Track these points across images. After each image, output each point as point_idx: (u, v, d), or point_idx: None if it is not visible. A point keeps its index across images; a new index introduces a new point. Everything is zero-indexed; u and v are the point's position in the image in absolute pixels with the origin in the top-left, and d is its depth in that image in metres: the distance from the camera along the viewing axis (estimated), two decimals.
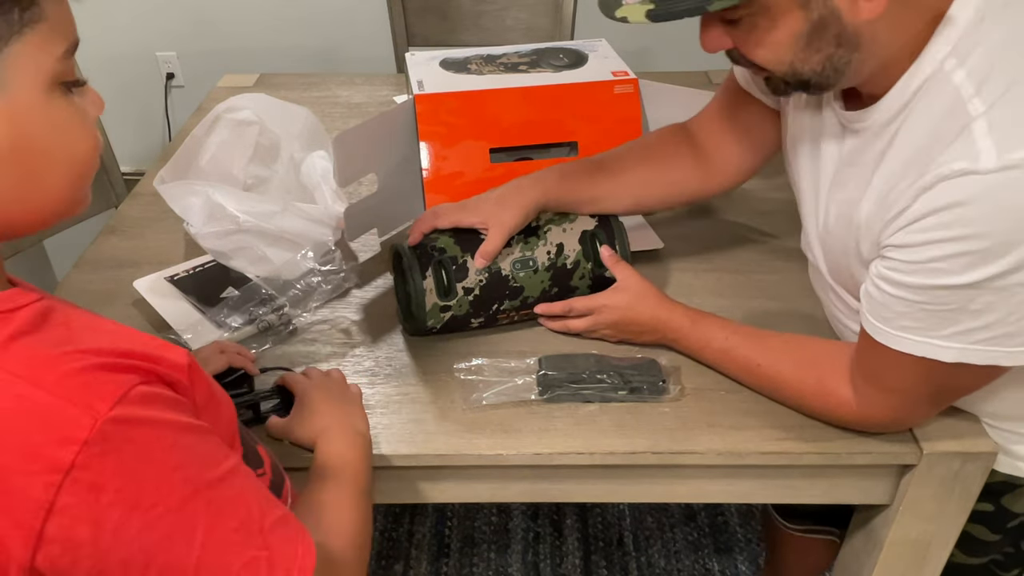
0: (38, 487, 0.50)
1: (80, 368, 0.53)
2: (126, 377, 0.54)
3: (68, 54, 0.58)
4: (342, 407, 0.89)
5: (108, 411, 0.51)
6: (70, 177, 0.60)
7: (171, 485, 0.54)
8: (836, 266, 0.92)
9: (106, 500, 0.51)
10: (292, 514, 0.63)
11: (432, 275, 1.00)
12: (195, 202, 1.15)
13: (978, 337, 0.75)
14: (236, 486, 0.59)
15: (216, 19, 2.62)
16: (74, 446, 0.50)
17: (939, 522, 0.94)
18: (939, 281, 0.73)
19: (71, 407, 0.51)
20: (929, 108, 0.75)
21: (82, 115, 0.60)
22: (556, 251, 1.03)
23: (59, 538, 0.51)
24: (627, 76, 1.27)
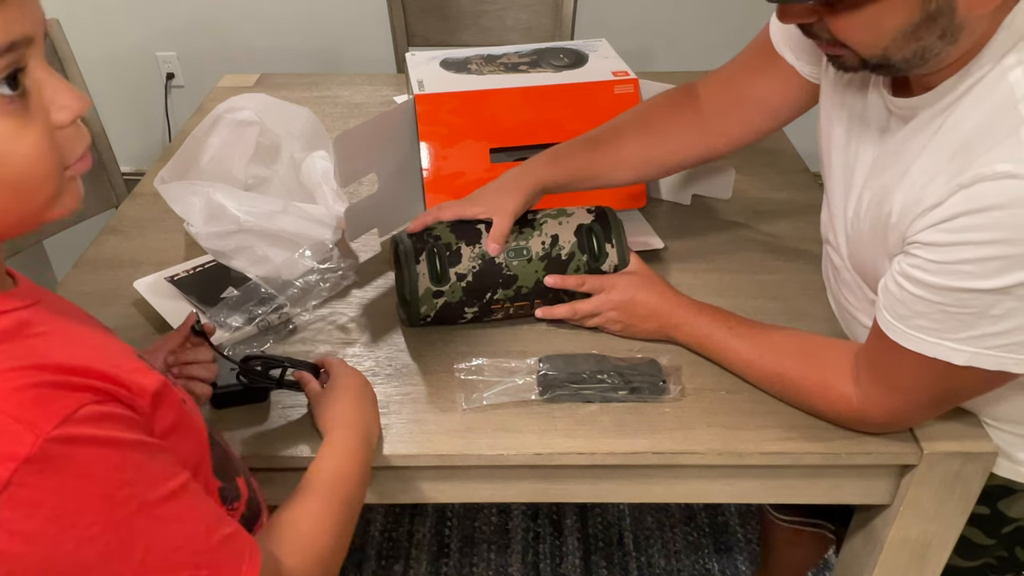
0: None
1: (31, 384, 0.52)
2: (77, 396, 0.53)
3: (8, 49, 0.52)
4: (361, 408, 0.89)
5: (51, 430, 0.51)
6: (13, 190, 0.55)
7: (113, 503, 0.54)
8: (859, 254, 0.90)
9: (42, 516, 0.51)
10: (242, 530, 0.63)
11: (426, 260, 1.01)
12: (195, 202, 1.15)
13: (993, 343, 0.74)
14: (183, 504, 0.59)
15: (216, 19, 2.62)
16: (13, 463, 0.50)
17: (939, 522, 0.94)
18: (965, 284, 0.72)
19: (15, 423, 0.50)
20: (979, 103, 0.74)
21: (21, 124, 0.54)
22: (551, 242, 1.04)
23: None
24: (627, 76, 1.27)
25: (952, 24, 0.70)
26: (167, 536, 0.56)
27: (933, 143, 0.77)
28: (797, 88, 1.03)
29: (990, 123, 0.72)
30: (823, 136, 0.98)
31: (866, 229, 0.87)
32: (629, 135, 1.10)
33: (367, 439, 0.86)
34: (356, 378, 0.92)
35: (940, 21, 0.70)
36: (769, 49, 1.04)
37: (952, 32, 0.71)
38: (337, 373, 0.92)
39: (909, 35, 0.71)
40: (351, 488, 0.81)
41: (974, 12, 0.70)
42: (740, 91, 1.08)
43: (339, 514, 0.77)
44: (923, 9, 0.69)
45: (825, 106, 0.97)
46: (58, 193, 0.58)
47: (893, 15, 0.70)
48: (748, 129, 1.09)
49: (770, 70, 1.04)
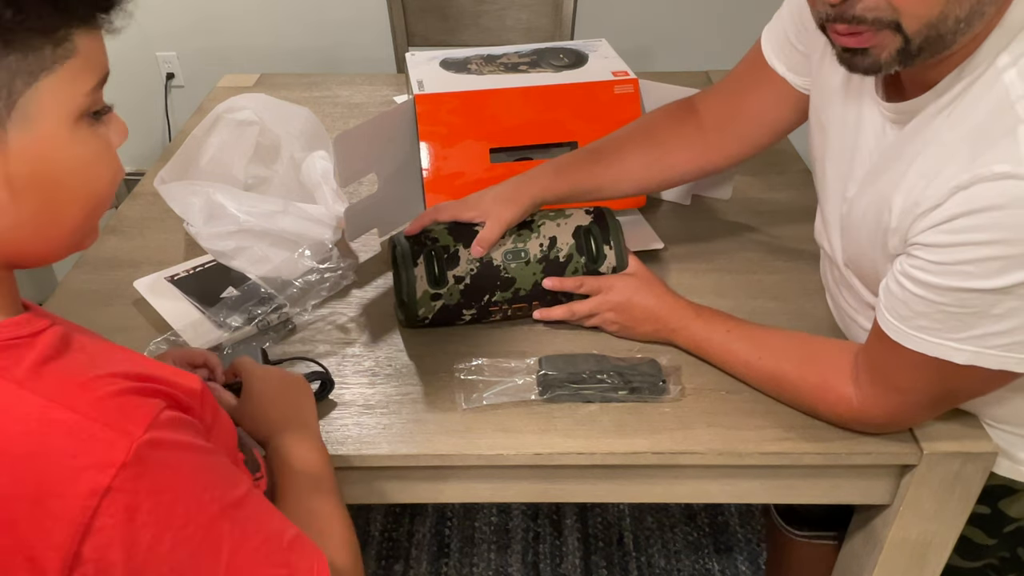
0: (76, 509, 0.51)
1: (113, 392, 0.55)
2: (154, 401, 0.56)
3: (98, 87, 0.58)
4: (295, 399, 0.87)
5: (142, 434, 0.53)
6: (87, 210, 0.60)
7: (199, 505, 0.56)
8: (857, 257, 0.91)
9: (140, 521, 0.53)
10: (302, 533, 0.64)
11: (424, 263, 1.01)
12: (195, 202, 1.15)
13: (995, 342, 0.74)
14: (255, 506, 0.61)
15: (216, 19, 2.62)
16: (112, 469, 0.52)
17: (939, 522, 0.94)
18: (966, 284, 0.72)
19: (107, 430, 0.53)
20: (975, 105, 0.74)
21: (105, 146, 0.60)
22: (549, 244, 1.04)
23: (93, 558, 0.52)
24: (627, 76, 1.27)
25: None
26: (247, 536, 0.59)
27: (930, 146, 0.77)
28: (791, 101, 1.04)
29: (987, 124, 0.72)
30: (815, 145, 0.99)
31: (864, 234, 0.87)
32: (630, 149, 1.11)
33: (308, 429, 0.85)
34: (268, 378, 0.88)
35: None
36: (761, 63, 1.05)
37: None
38: (248, 376, 0.87)
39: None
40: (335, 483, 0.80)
41: None
42: (736, 106, 1.09)
43: (344, 510, 0.77)
44: None
45: (815, 115, 0.98)
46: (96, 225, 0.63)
47: None
48: (746, 144, 1.10)
49: (763, 84, 1.05)
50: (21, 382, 0.54)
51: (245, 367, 0.89)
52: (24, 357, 0.56)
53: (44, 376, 0.55)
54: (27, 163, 0.55)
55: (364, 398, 0.97)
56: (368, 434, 0.92)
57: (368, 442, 0.91)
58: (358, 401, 0.96)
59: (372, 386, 0.98)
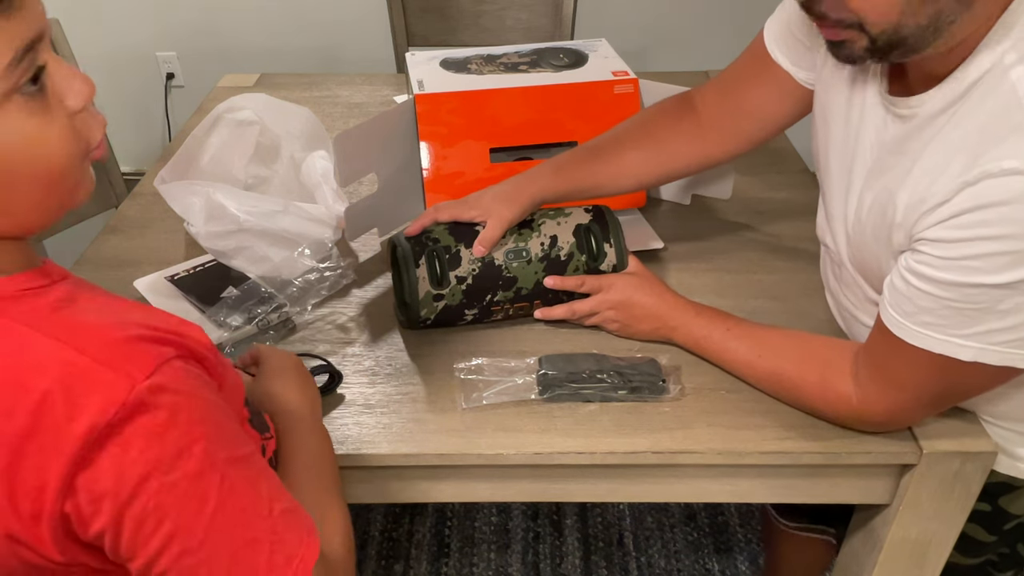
0: (75, 444, 0.54)
1: (122, 338, 0.57)
2: (163, 349, 0.58)
3: (16, 62, 0.54)
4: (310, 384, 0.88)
5: (144, 379, 0.55)
6: (47, 183, 0.58)
7: (191, 454, 0.57)
8: (861, 254, 0.90)
9: (130, 458, 0.55)
10: (302, 508, 0.65)
11: (426, 264, 1.01)
12: (195, 202, 1.15)
13: (1000, 339, 0.74)
14: (252, 469, 0.62)
15: (216, 19, 2.62)
16: (112, 407, 0.54)
17: (939, 522, 0.94)
18: (972, 279, 0.72)
19: (111, 372, 0.55)
20: (982, 102, 0.73)
21: (47, 119, 0.57)
22: (550, 243, 1.04)
23: (85, 489, 0.55)
24: (627, 76, 1.27)
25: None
26: (236, 495, 0.60)
27: (936, 142, 0.77)
28: (793, 94, 1.03)
29: (994, 121, 0.72)
30: (819, 139, 0.98)
31: (869, 230, 0.87)
32: (629, 145, 1.11)
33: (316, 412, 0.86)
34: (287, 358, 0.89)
35: None
36: (764, 56, 1.04)
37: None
38: (267, 355, 0.89)
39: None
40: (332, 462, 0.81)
41: None
42: (736, 100, 1.09)
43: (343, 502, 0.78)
44: None
45: (820, 109, 0.97)
46: (78, 181, 0.61)
47: None
48: (745, 138, 1.10)
49: (765, 77, 1.05)
50: (35, 326, 0.57)
51: (263, 350, 0.91)
52: (38, 304, 0.58)
53: (57, 321, 0.57)
54: None
55: (364, 397, 0.97)
56: (368, 433, 0.92)
57: (368, 441, 0.91)
58: (358, 400, 0.96)
59: (372, 385, 0.98)
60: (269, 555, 0.60)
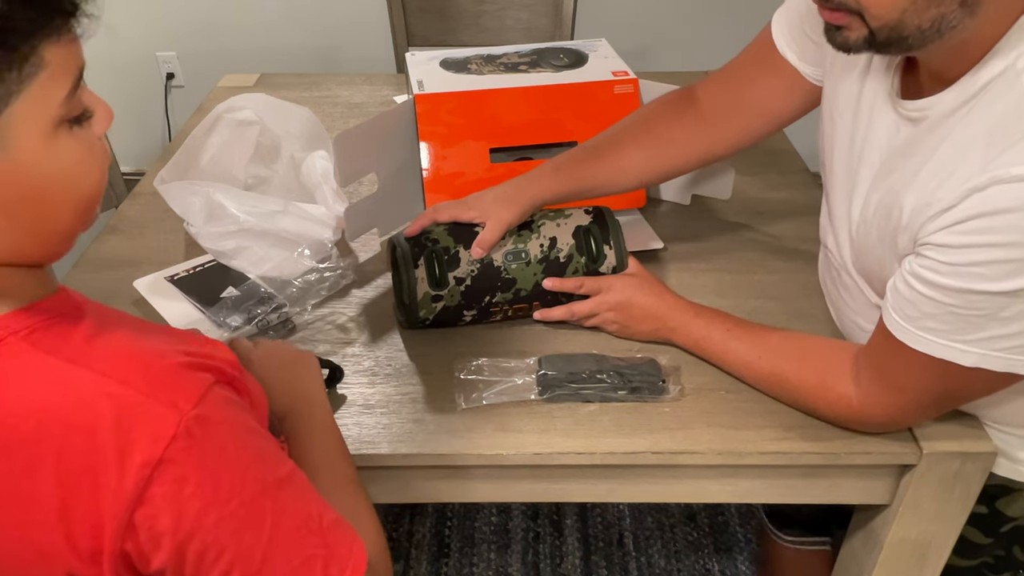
0: (131, 481, 0.54)
1: (164, 367, 0.57)
2: (203, 375, 0.58)
3: (73, 91, 0.56)
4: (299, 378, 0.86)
5: (191, 409, 0.56)
6: (79, 210, 0.60)
7: (244, 481, 0.58)
8: (865, 256, 0.90)
9: (187, 492, 0.55)
10: (343, 518, 0.65)
11: (424, 265, 1.01)
12: (195, 202, 1.15)
13: (1002, 345, 0.74)
14: (297, 487, 0.63)
15: (216, 19, 2.62)
16: (163, 442, 0.54)
17: (939, 522, 0.94)
18: (976, 286, 0.72)
19: (158, 405, 0.55)
20: (992, 106, 0.73)
21: (87, 146, 0.58)
22: (549, 245, 1.04)
23: (145, 526, 0.55)
24: (627, 76, 1.27)
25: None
26: (289, 515, 0.60)
27: (945, 145, 0.77)
28: (799, 90, 1.03)
29: (1004, 126, 0.71)
30: (825, 138, 0.98)
31: (874, 232, 0.87)
32: (629, 143, 1.10)
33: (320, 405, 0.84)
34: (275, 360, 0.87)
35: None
36: (770, 51, 1.03)
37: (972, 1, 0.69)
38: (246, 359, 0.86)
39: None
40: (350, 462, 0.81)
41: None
42: (740, 94, 1.08)
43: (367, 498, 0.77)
44: None
45: (828, 107, 0.97)
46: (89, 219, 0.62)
47: None
48: (747, 132, 1.09)
49: (771, 72, 1.04)
50: (73, 359, 0.56)
51: (241, 350, 0.87)
52: (71, 334, 0.58)
53: (95, 352, 0.57)
54: (10, 186, 0.54)
55: (364, 398, 0.97)
56: (368, 434, 0.92)
57: (368, 442, 0.91)
58: (358, 401, 0.96)
59: (372, 386, 0.98)
60: (324, 569, 0.61)
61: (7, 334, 0.57)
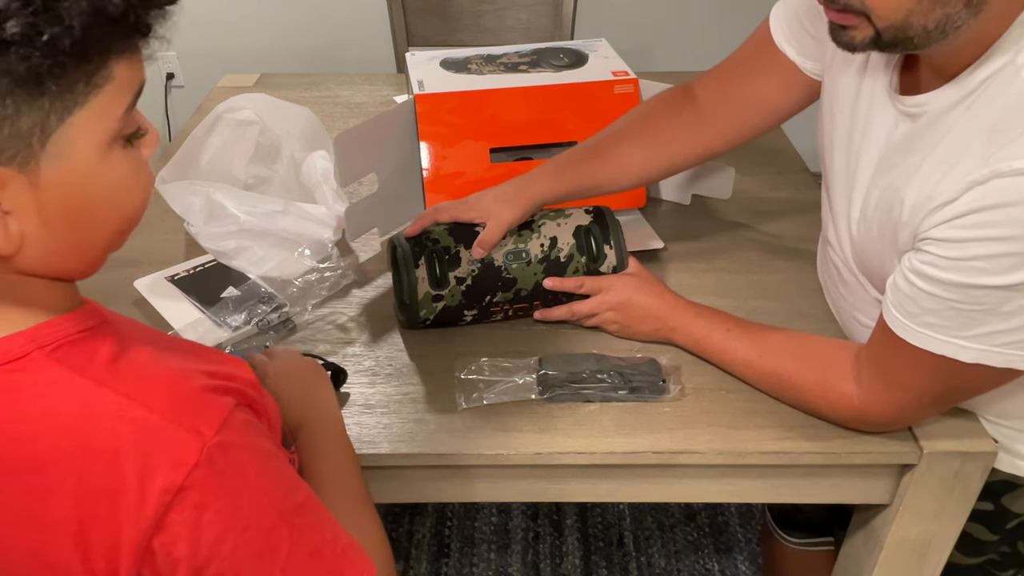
0: (151, 506, 0.54)
1: (187, 391, 0.57)
2: (225, 400, 0.58)
3: (131, 107, 0.57)
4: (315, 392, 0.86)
5: (213, 436, 0.56)
6: (119, 229, 0.60)
7: (262, 508, 0.58)
8: (866, 253, 0.90)
9: (207, 520, 0.55)
10: (355, 540, 0.65)
11: (425, 264, 1.01)
12: (196, 202, 1.15)
13: (1002, 340, 0.74)
14: (312, 512, 0.63)
15: (216, 19, 2.62)
16: (185, 468, 0.54)
17: (939, 522, 0.94)
18: (976, 280, 0.72)
19: (181, 431, 0.55)
20: (993, 101, 0.73)
21: (137, 166, 0.59)
22: (550, 244, 1.04)
23: (162, 552, 0.55)
24: (627, 76, 1.27)
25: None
26: (304, 543, 0.60)
27: (945, 140, 0.77)
28: (797, 85, 1.03)
29: (1004, 120, 0.72)
30: (824, 134, 0.98)
31: (874, 228, 0.87)
32: (629, 141, 1.10)
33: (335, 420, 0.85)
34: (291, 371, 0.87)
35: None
36: (769, 46, 1.03)
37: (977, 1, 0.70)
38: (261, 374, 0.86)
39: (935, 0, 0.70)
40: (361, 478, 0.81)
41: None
42: (738, 89, 1.08)
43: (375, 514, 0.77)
44: None
45: (827, 103, 0.97)
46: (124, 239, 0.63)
47: None
48: (745, 128, 1.09)
49: (770, 67, 1.04)
50: (99, 380, 0.56)
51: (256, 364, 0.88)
52: (96, 352, 0.58)
53: (120, 373, 0.57)
54: (58, 196, 0.54)
55: (364, 398, 0.97)
56: (368, 434, 0.92)
57: (368, 442, 0.91)
58: (358, 401, 0.96)
59: (372, 386, 0.98)
60: None
61: (33, 348, 0.56)
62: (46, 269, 0.58)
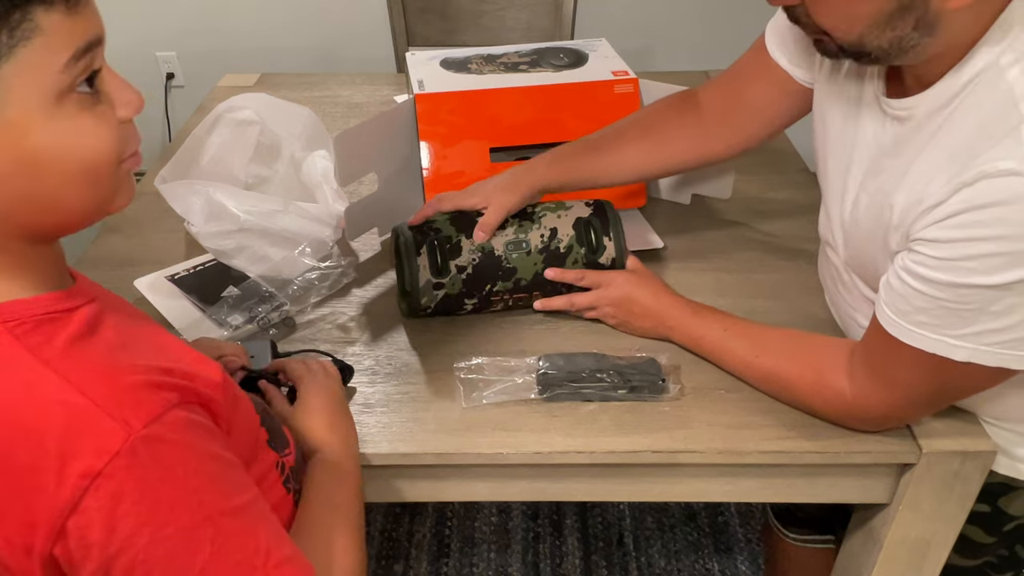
0: (68, 488, 0.54)
1: (128, 384, 0.57)
2: (167, 395, 0.58)
3: (74, 60, 0.55)
4: (344, 420, 0.87)
5: (141, 428, 0.55)
6: (84, 183, 0.59)
7: (185, 506, 0.57)
8: (857, 254, 0.91)
9: (122, 510, 0.55)
10: (300, 554, 0.64)
11: (427, 252, 1.02)
12: (196, 201, 1.15)
13: (993, 339, 0.74)
14: (249, 519, 0.61)
15: (216, 19, 2.63)
16: (105, 456, 0.54)
17: (938, 521, 0.94)
18: (967, 280, 0.72)
19: (109, 420, 0.55)
20: (979, 103, 0.74)
21: (99, 120, 0.58)
22: (550, 235, 1.05)
23: (75, 535, 0.55)
24: (627, 76, 1.27)
25: (926, 16, 0.71)
26: (231, 549, 0.59)
27: (932, 143, 0.77)
28: (792, 94, 1.04)
29: (991, 122, 0.72)
30: (818, 139, 0.99)
31: (864, 230, 0.87)
32: (630, 139, 1.11)
33: (352, 448, 0.86)
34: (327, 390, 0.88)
35: (914, 11, 0.71)
36: (764, 55, 1.05)
37: (927, 24, 0.72)
38: (305, 390, 0.88)
39: (883, 24, 0.73)
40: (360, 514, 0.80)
41: (948, 5, 0.70)
42: (738, 98, 1.09)
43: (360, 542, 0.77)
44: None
45: (819, 109, 0.98)
46: (118, 186, 0.62)
47: (866, 3, 0.72)
48: (745, 135, 1.11)
49: (766, 76, 1.05)
50: (47, 361, 0.57)
51: (301, 377, 0.89)
52: (56, 334, 0.58)
53: (70, 357, 0.57)
54: (5, 148, 0.54)
55: (364, 397, 0.97)
56: (368, 433, 0.92)
57: (368, 441, 0.91)
58: (358, 400, 0.96)
59: (372, 384, 0.99)
60: None
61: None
62: (17, 226, 0.58)
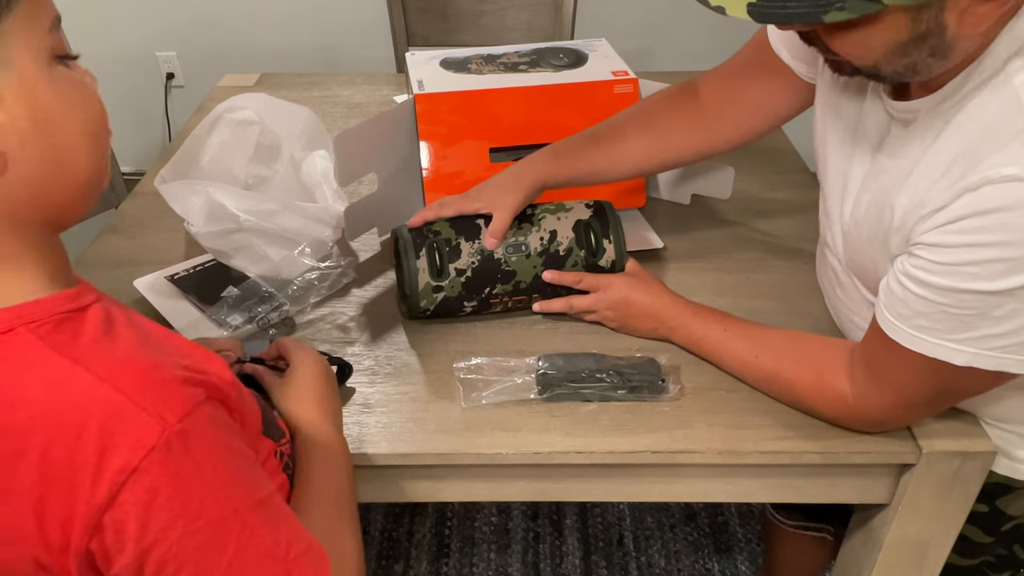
0: (105, 483, 0.55)
1: (159, 379, 0.58)
2: (195, 391, 0.59)
3: (54, 27, 0.59)
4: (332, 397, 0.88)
5: (176, 423, 0.57)
6: (90, 144, 0.61)
7: (215, 500, 0.58)
8: (857, 256, 0.90)
9: (157, 504, 0.56)
10: (318, 544, 0.65)
11: (426, 255, 1.02)
12: (196, 201, 1.15)
13: (994, 344, 0.74)
14: (270, 512, 0.63)
15: (216, 19, 2.63)
16: (142, 451, 0.55)
17: (938, 521, 0.94)
18: (968, 285, 0.72)
19: (145, 415, 0.56)
20: (984, 107, 0.73)
21: (82, 84, 0.61)
22: (549, 238, 1.05)
23: (111, 529, 0.56)
24: (627, 76, 1.27)
25: (942, 43, 0.70)
26: (254, 542, 0.60)
27: (935, 146, 0.77)
28: (794, 88, 1.03)
29: (995, 127, 0.72)
30: (818, 138, 0.98)
31: (865, 232, 0.87)
32: (630, 132, 1.11)
33: (340, 427, 0.87)
34: (318, 364, 0.90)
35: (930, 40, 0.70)
36: (767, 49, 1.04)
37: (942, 50, 0.71)
38: (298, 361, 0.89)
39: (899, 52, 0.72)
40: (351, 487, 0.81)
41: (965, 32, 0.70)
42: (739, 91, 1.09)
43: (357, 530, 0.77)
44: (912, 29, 0.69)
45: (821, 108, 0.97)
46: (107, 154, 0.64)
47: (882, 33, 0.70)
48: (746, 128, 1.10)
49: (768, 70, 1.04)
50: (77, 359, 0.57)
51: (292, 350, 0.90)
52: (79, 332, 0.59)
53: (97, 355, 0.58)
54: (22, 106, 0.56)
55: (364, 397, 0.97)
56: (368, 433, 0.92)
57: (368, 441, 0.91)
58: (357, 400, 0.96)
59: (372, 384, 0.99)
60: None
61: (20, 324, 0.58)
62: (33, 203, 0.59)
